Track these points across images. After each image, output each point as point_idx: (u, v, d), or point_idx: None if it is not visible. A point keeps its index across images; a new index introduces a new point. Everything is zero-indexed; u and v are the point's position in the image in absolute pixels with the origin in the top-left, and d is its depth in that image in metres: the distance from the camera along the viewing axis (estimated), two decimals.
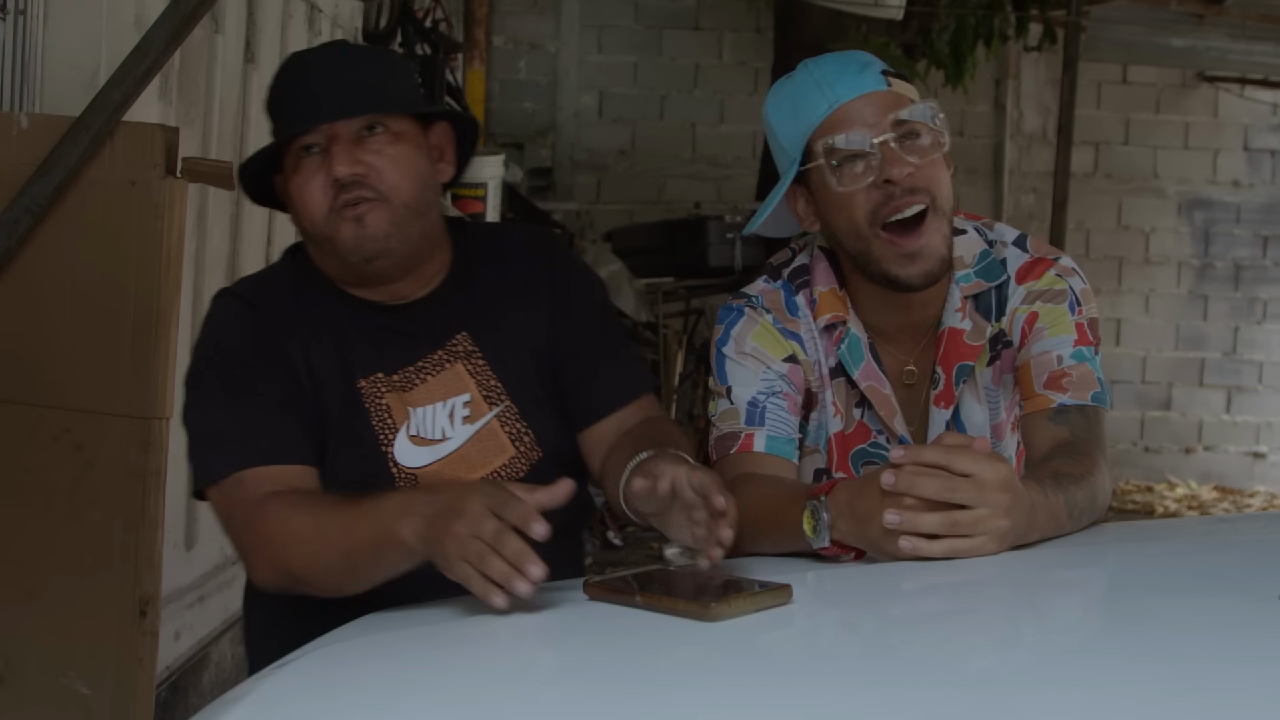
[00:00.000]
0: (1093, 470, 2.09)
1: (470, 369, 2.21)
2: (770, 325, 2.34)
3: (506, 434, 2.20)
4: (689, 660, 1.52)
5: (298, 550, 1.94)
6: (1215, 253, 10.01)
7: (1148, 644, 1.51)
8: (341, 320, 2.21)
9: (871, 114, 2.19)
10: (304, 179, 2.14)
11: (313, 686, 1.47)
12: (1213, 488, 9.84)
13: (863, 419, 2.37)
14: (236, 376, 2.13)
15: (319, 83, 2.16)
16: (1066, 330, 2.27)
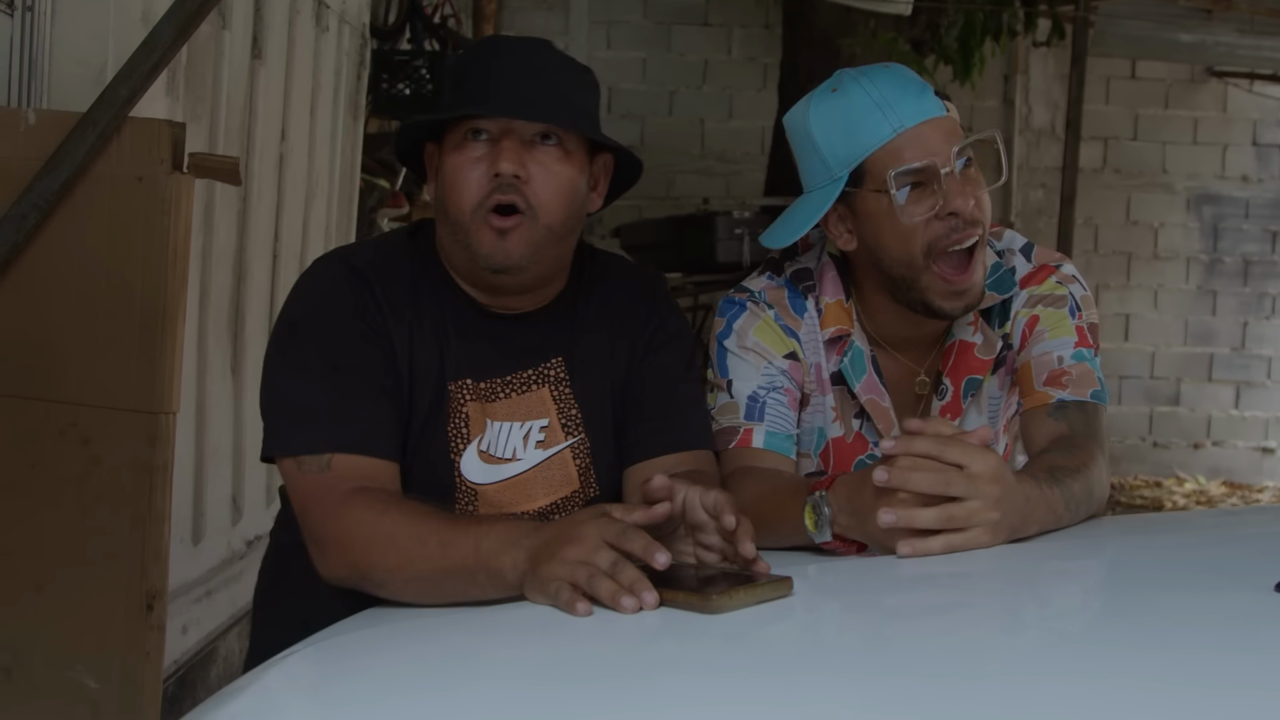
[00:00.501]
0: (1089, 463, 2.10)
1: (555, 395, 2.16)
2: (772, 321, 2.34)
3: (576, 466, 2.16)
4: (691, 652, 1.52)
5: (385, 556, 1.85)
6: (1224, 248, 9.99)
7: (1147, 635, 1.51)
8: (448, 316, 2.14)
9: (937, 141, 2.16)
10: (464, 161, 2.07)
11: (312, 680, 1.48)
12: (1221, 483, 9.82)
13: (861, 430, 2.38)
14: (339, 349, 2.05)
15: (515, 74, 2.09)
16: (1067, 333, 2.28)
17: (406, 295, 2.12)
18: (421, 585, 1.82)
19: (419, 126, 2.15)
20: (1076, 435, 2.17)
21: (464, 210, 2.08)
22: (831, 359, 2.35)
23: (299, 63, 4.78)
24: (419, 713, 1.32)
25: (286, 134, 4.68)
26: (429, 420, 2.09)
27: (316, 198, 4.99)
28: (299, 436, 2.02)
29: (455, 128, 2.09)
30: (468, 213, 2.07)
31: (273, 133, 4.54)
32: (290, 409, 2.04)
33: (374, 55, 6.05)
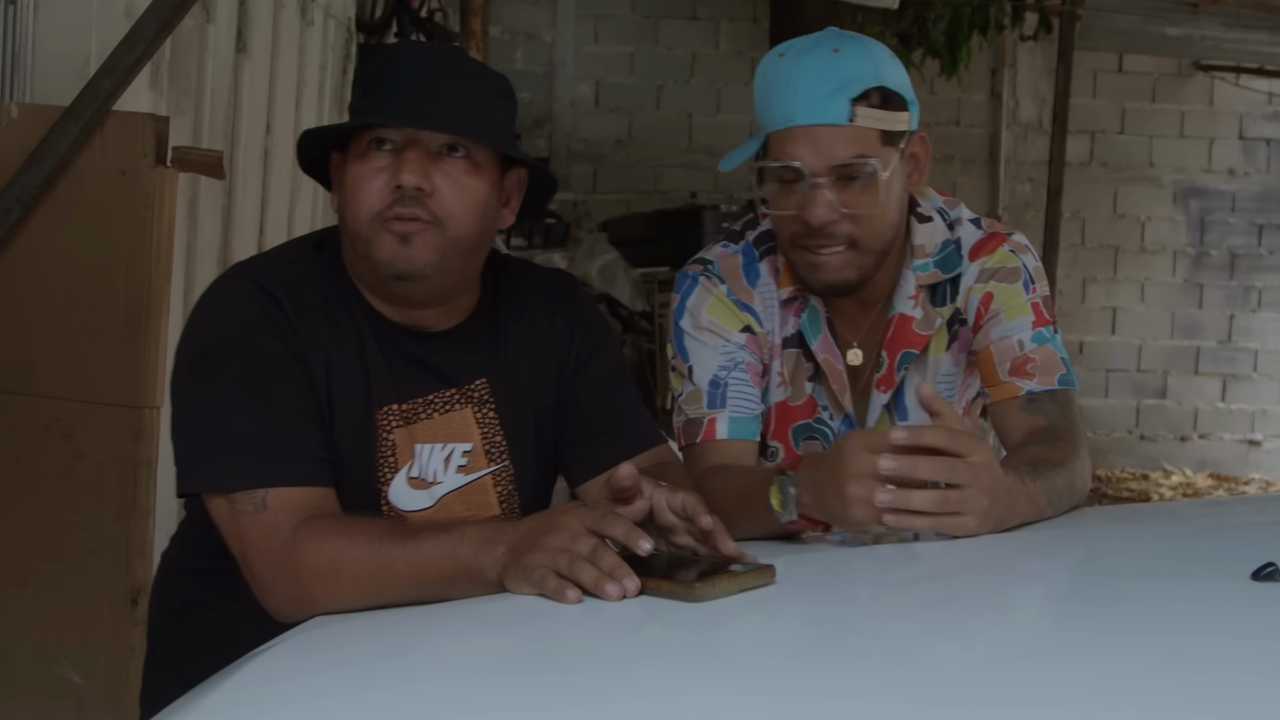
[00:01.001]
0: (1072, 456, 2.10)
1: (479, 418, 2.10)
2: (724, 297, 2.34)
3: (496, 493, 2.10)
4: (675, 640, 1.52)
5: (351, 589, 1.77)
6: (1210, 241, 10.01)
7: (1129, 622, 1.52)
8: (367, 341, 2.04)
9: (817, 150, 2.16)
10: (365, 171, 1.98)
11: (288, 671, 1.48)
12: (1208, 475, 9.85)
13: (812, 393, 2.37)
14: (260, 376, 1.93)
15: (423, 82, 2.00)
16: (1023, 312, 2.26)
17: (320, 317, 2.02)
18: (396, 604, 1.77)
19: (320, 135, 2.07)
20: (1056, 428, 2.17)
21: (362, 221, 1.98)
22: (788, 321, 2.35)
23: (284, 56, 4.77)
24: (397, 704, 1.32)
25: (271, 128, 4.67)
26: (354, 449, 2.00)
27: (302, 192, 4.98)
28: (230, 472, 1.89)
29: (359, 137, 2.00)
30: (365, 223, 1.98)
31: (257, 127, 4.54)
32: (217, 441, 1.91)
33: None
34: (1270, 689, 1.27)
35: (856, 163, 2.15)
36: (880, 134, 2.16)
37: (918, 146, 2.26)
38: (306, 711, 1.33)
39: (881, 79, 2.17)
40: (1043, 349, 2.24)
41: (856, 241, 2.20)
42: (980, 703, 1.26)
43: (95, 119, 2.93)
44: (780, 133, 2.18)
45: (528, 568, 1.65)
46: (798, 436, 2.39)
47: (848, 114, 2.14)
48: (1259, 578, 1.60)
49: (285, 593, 1.82)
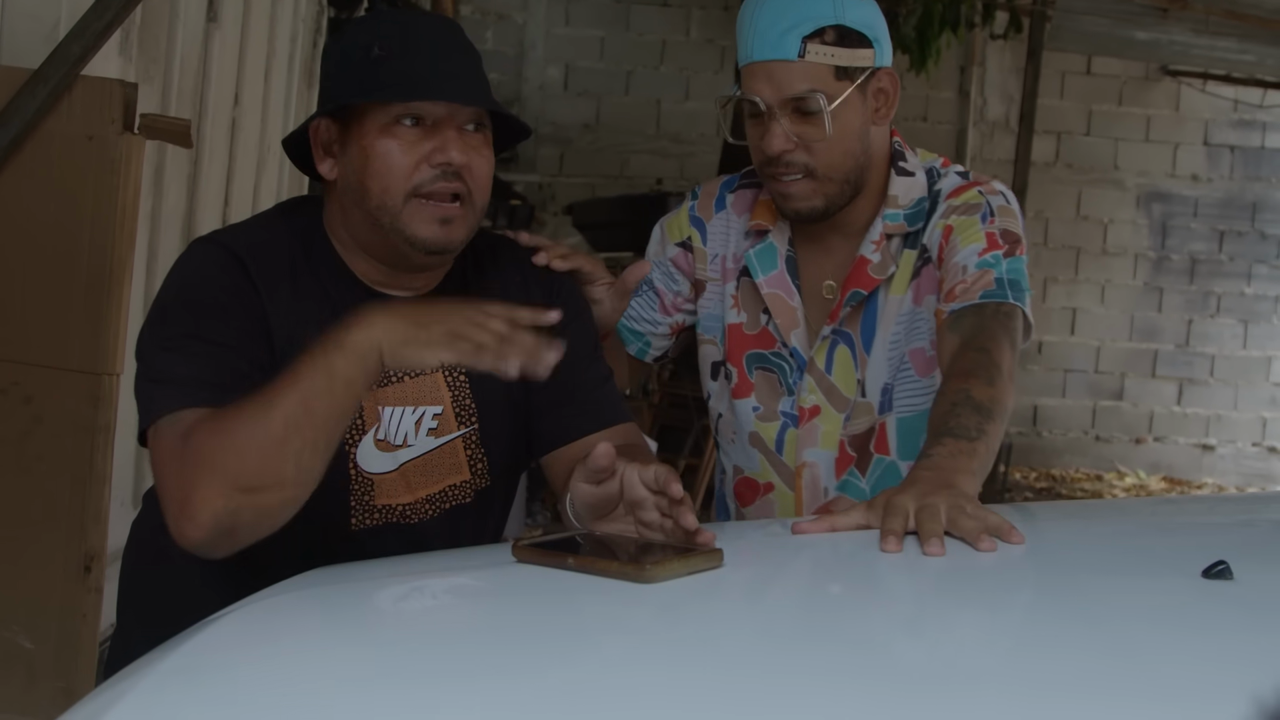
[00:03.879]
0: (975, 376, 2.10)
1: (449, 381, 2.11)
2: (685, 210, 2.54)
3: (466, 456, 2.11)
4: (626, 620, 1.53)
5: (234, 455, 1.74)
6: (1172, 246, 10.07)
7: (1079, 617, 1.54)
8: (335, 302, 2.02)
9: (772, 84, 2.27)
10: (397, 148, 1.98)
11: (240, 644, 1.48)
12: (1161, 478, 9.92)
13: (767, 326, 2.45)
14: (208, 323, 1.94)
15: (447, 57, 2.02)
16: (976, 239, 2.30)
17: (284, 280, 2.02)
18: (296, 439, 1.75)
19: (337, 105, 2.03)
20: (966, 344, 2.18)
21: (395, 195, 1.99)
22: (745, 249, 2.46)
23: (254, 27, 4.75)
24: (349, 675, 1.32)
25: (240, 98, 4.66)
26: None
27: (268, 163, 4.97)
28: (158, 401, 1.89)
29: (378, 109, 1.99)
30: (401, 198, 1.99)
31: (226, 96, 4.52)
32: (155, 381, 1.91)
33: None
34: (1220, 685, 1.28)
35: (807, 96, 2.26)
36: (833, 69, 2.27)
37: (885, 82, 2.34)
38: (261, 676, 1.34)
39: (840, 18, 2.27)
40: (982, 272, 2.27)
41: (813, 170, 2.30)
42: (926, 692, 1.27)
43: (63, 83, 2.92)
44: (745, 69, 2.31)
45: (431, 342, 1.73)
46: (751, 364, 2.46)
47: (798, 50, 2.25)
48: (1210, 575, 1.61)
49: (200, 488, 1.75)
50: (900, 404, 2.37)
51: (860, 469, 2.41)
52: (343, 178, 2.04)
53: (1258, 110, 9.95)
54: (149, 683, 1.33)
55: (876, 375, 2.38)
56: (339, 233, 2.09)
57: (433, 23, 2.11)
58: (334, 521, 2.01)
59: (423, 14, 2.12)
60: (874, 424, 2.39)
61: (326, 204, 2.11)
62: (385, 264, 2.07)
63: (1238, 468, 10.10)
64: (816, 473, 2.42)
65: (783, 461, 2.44)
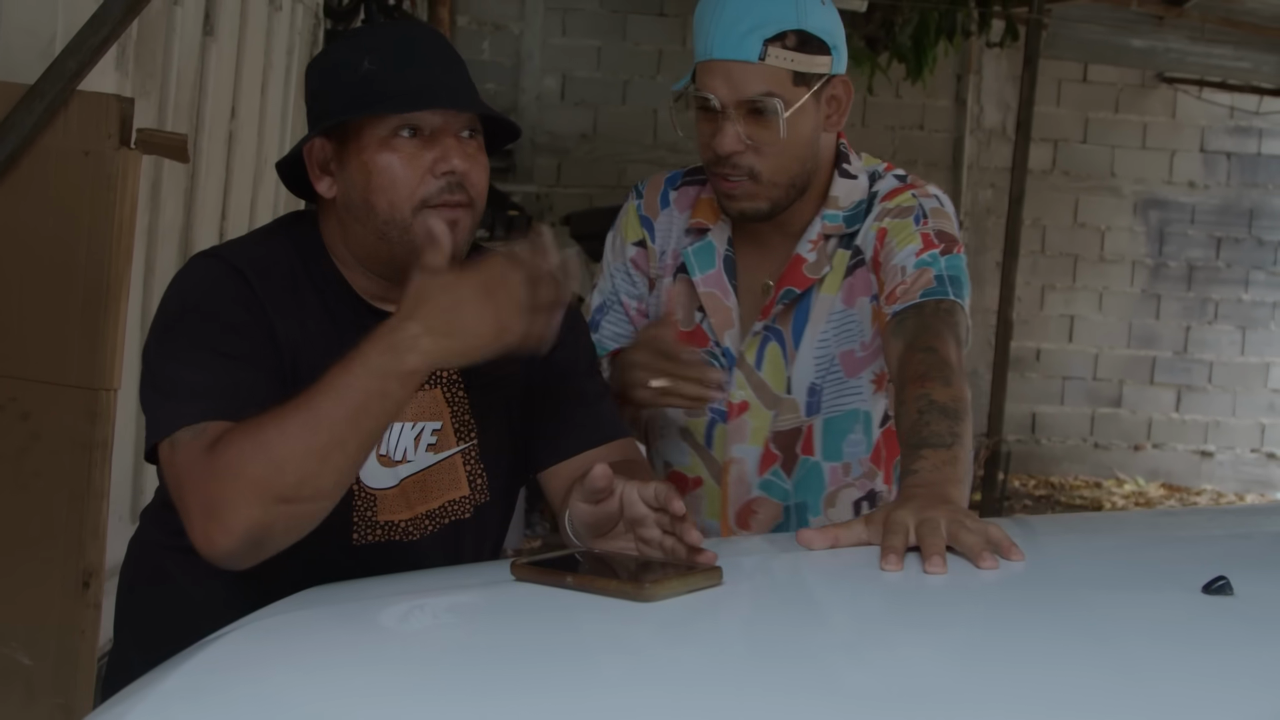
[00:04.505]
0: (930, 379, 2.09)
1: (449, 397, 2.10)
2: (634, 210, 2.54)
3: (465, 472, 2.11)
4: (625, 639, 1.53)
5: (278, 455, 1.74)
6: (1169, 252, 10.08)
7: (1080, 632, 1.53)
8: (337, 318, 2.04)
9: (729, 84, 2.26)
10: (400, 160, 1.97)
11: (241, 663, 1.48)
12: (1160, 485, 9.92)
13: (700, 324, 2.45)
14: (219, 336, 1.93)
15: (438, 66, 2.02)
16: (912, 241, 2.31)
17: (287, 294, 2.02)
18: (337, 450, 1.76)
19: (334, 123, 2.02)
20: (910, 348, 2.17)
21: (403, 209, 1.98)
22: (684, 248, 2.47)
23: (251, 41, 4.75)
24: (350, 695, 1.32)
25: (236, 112, 4.66)
26: None
27: (265, 177, 4.96)
28: (173, 413, 1.87)
29: (376, 123, 1.98)
30: (409, 211, 1.98)
31: (222, 110, 4.52)
32: (168, 394, 1.90)
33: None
34: (1222, 702, 1.28)
35: (763, 99, 2.25)
36: (792, 74, 2.26)
37: (839, 89, 2.35)
38: (261, 696, 1.33)
39: (802, 23, 2.26)
40: (921, 272, 2.27)
41: (758, 174, 2.30)
42: (926, 709, 1.27)
43: (60, 98, 2.91)
44: (701, 65, 2.30)
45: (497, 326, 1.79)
46: None
47: (759, 53, 2.24)
48: (1210, 591, 1.61)
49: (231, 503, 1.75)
50: (827, 405, 2.40)
51: (785, 469, 2.42)
52: (343, 195, 2.02)
53: (1254, 117, 9.96)
54: (149, 704, 1.32)
55: (804, 374, 2.39)
56: (337, 249, 2.08)
57: (417, 33, 2.10)
58: (336, 537, 1.99)
59: (405, 25, 2.12)
60: (801, 424, 2.41)
61: (323, 221, 2.10)
62: (386, 278, 2.06)
63: (1236, 474, 10.11)
64: (744, 469, 2.43)
65: (712, 456, 2.45)
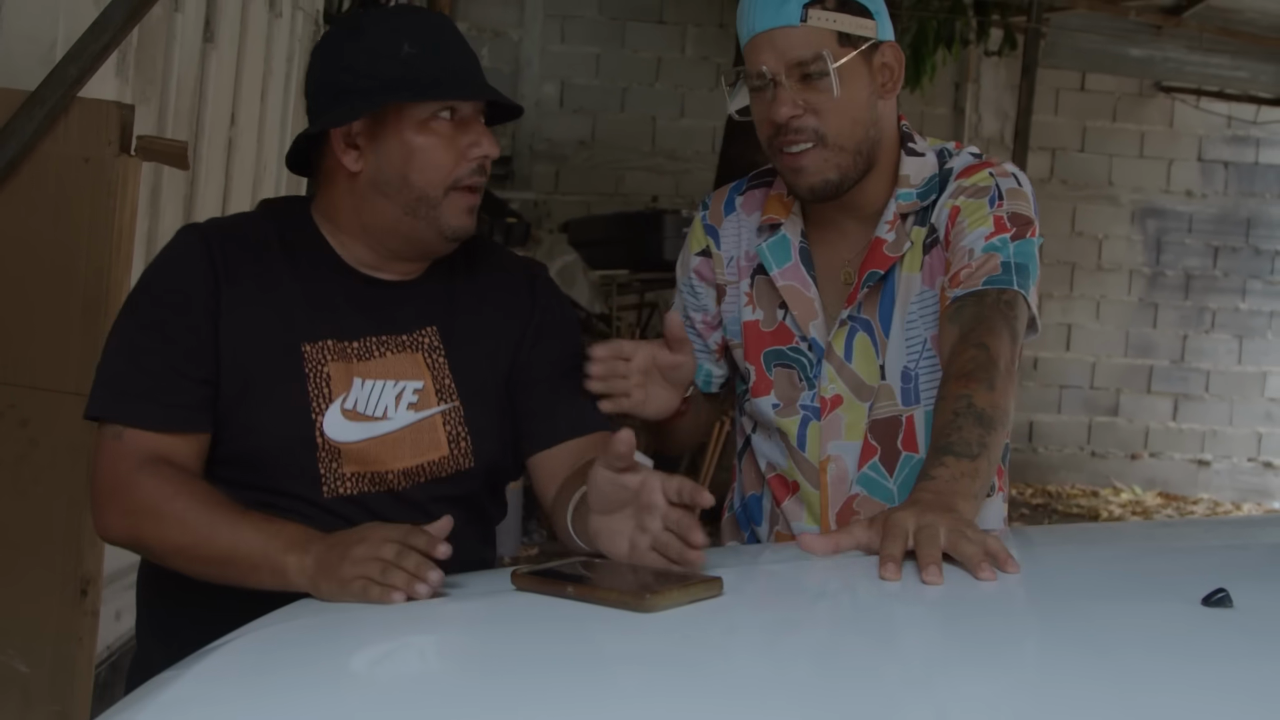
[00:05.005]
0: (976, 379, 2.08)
1: (429, 362, 2.17)
2: (699, 221, 2.51)
3: (445, 432, 2.16)
4: (626, 649, 1.53)
5: (173, 534, 1.97)
6: (1166, 261, 10.08)
7: (1079, 644, 1.53)
8: (312, 279, 2.16)
9: (775, 51, 2.25)
10: (439, 142, 2.11)
11: (242, 672, 1.48)
12: (1157, 494, 9.92)
13: (784, 320, 2.40)
14: (158, 320, 2.09)
15: (466, 53, 2.16)
16: (984, 223, 2.27)
17: (251, 258, 2.14)
18: (203, 565, 1.96)
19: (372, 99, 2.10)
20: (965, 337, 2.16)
21: (438, 188, 2.12)
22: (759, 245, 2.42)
23: (251, 47, 4.76)
24: (354, 705, 1.32)
25: (236, 118, 4.66)
26: (282, 380, 2.10)
27: (264, 183, 4.97)
28: (100, 401, 2.09)
29: (418, 105, 2.10)
30: (442, 190, 2.12)
31: (222, 117, 4.53)
32: (102, 374, 2.11)
33: None
34: (1223, 716, 1.28)
35: (811, 59, 2.24)
36: (836, 35, 2.25)
37: (889, 56, 2.34)
38: (261, 708, 1.33)
39: None
40: (989, 256, 2.24)
41: (823, 135, 2.26)
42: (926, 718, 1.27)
43: (60, 105, 2.92)
44: (748, 44, 2.29)
45: (344, 580, 1.77)
46: (769, 362, 2.40)
47: (799, 15, 2.24)
48: (1210, 603, 1.61)
49: (115, 518, 2.03)
50: (925, 393, 2.32)
51: (886, 466, 2.35)
52: (374, 170, 2.13)
53: (1251, 126, 9.97)
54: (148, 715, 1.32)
55: (896, 358, 2.33)
56: (336, 220, 2.19)
57: (443, 20, 2.21)
58: (306, 491, 2.10)
59: (425, 11, 2.21)
60: (899, 414, 2.33)
61: (324, 195, 2.20)
62: (393, 250, 2.18)
63: (1233, 483, 10.11)
64: (842, 466, 2.36)
65: (805, 458, 2.37)
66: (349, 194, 2.16)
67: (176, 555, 1.99)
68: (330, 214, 2.19)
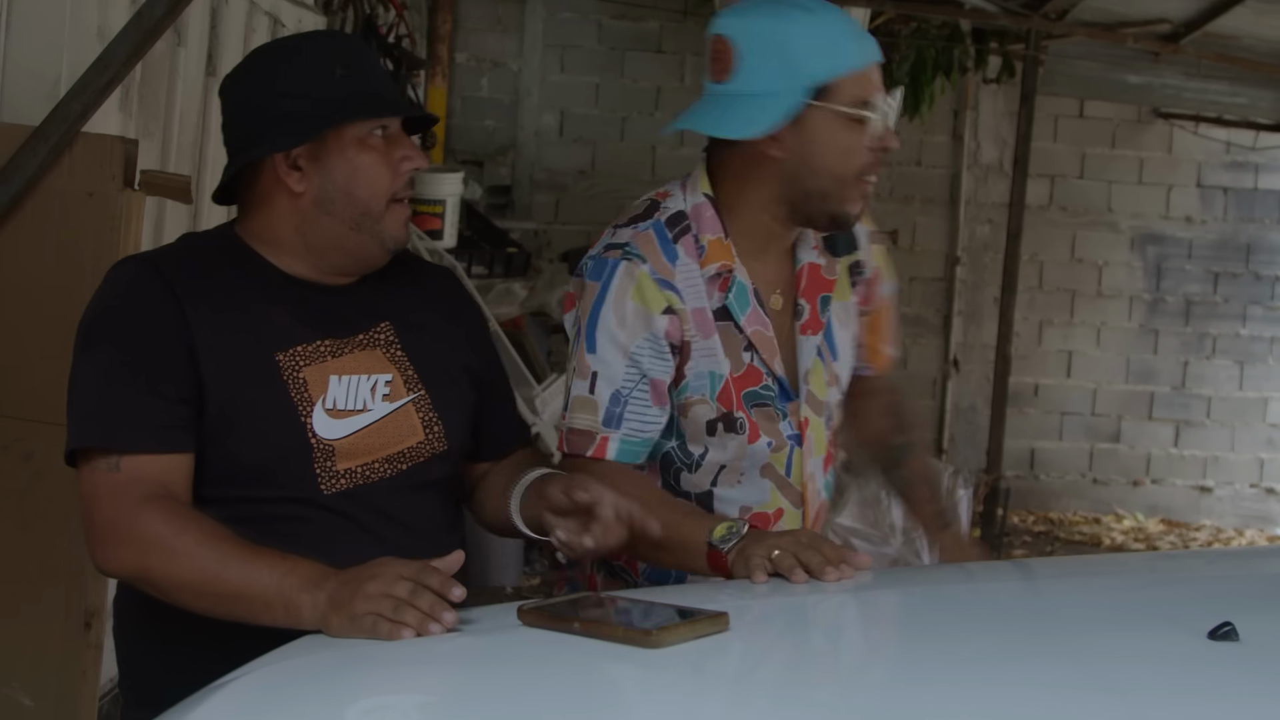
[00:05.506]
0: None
1: (389, 356, 2.24)
2: (647, 276, 2.33)
3: (419, 419, 2.23)
4: (634, 686, 1.53)
5: (182, 570, 1.96)
6: (1167, 288, 10.08)
7: (1083, 676, 1.54)
8: (261, 293, 2.20)
9: (879, 84, 2.34)
10: (377, 158, 2.18)
11: (250, 709, 1.48)
12: (1159, 521, 9.90)
13: (752, 362, 2.40)
14: (127, 346, 2.10)
15: (384, 72, 2.26)
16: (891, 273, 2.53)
17: (204, 279, 2.16)
18: (211, 601, 1.95)
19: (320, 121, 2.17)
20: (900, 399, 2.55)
21: (380, 201, 2.18)
22: (714, 295, 2.38)
23: None
24: None
25: None
26: (264, 393, 2.13)
27: None
28: (89, 434, 2.06)
29: (352, 125, 2.17)
30: (383, 204, 2.19)
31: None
32: (81, 407, 2.09)
33: None
34: None
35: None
36: None
37: None
38: None
39: None
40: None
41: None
42: None
43: (64, 140, 2.93)
44: (861, 74, 2.32)
45: (355, 616, 1.78)
46: (749, 403, 2.41)
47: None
48: (1216, 637, 1.61)
49: (120, 551, 2.00)
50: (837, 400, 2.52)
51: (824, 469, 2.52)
52: (319, 189, 2.18)
53: (1250, 152, 9.98)
54: None
55: (844, 375, 2.52)
56: (274, 241, 2.22)
57: (362, 42, 2.33)
58: (306, 491, 2.13)
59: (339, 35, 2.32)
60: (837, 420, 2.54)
61: (258, 217, 2.23)
62: (332, 265, 2.23)
63: (1236, 509, 10.09)
64: (816, 482, 2.48)
65: (790, 483, 2.45)
66: (290, 215, 2.20)
67: (183, 590, 1.97)
68: (266, 235, 2.23)
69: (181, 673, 1.95)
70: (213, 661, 1.79)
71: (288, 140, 2.15)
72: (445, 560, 1.86)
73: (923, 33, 8.43)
